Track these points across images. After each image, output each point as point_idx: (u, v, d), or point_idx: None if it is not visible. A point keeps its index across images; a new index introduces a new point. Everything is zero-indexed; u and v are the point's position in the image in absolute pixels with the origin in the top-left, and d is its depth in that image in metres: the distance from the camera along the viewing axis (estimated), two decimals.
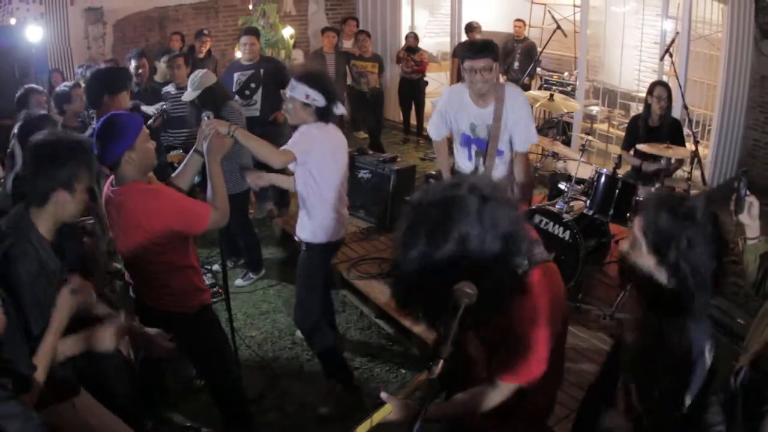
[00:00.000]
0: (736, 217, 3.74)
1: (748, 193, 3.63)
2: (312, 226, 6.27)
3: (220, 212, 4.98)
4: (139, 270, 5.07)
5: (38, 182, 4.01)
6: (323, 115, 6.01)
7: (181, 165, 5.55)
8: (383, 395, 3.14)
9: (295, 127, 6.14)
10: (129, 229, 4.80)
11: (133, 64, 10.24)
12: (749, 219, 3.68)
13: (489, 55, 6.30)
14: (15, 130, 6.09)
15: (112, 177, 4.91)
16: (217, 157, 5.16)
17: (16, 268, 3.79)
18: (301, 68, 8.53)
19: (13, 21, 12.89)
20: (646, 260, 2.94)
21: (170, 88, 9.98)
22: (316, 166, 6.02)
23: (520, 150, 6.77)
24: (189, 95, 8.04)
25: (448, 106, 6.99)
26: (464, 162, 7.04)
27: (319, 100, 5.91)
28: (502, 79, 15.40)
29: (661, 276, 2.90)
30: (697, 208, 2.84)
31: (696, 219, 2.80)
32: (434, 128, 7.24)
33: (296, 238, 6.49)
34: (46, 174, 4.01)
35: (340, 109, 6.10)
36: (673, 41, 10.12)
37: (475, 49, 6.36)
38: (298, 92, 5.93)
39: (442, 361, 2.86)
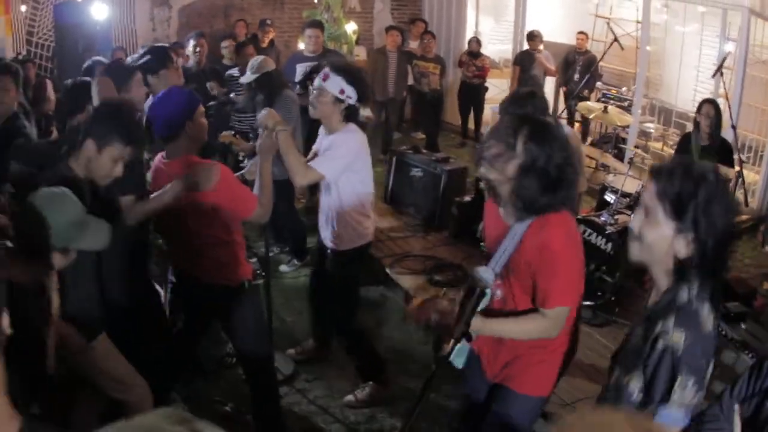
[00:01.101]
0: (764, 248, 3.75)
1: None
2: (351, 231, 6.11)
3: (264, 208, 5.14)
4: (184, 242, 5.20)
5: (78, 130, 4.40)
6: (351, 114, 5.83)
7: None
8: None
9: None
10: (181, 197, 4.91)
11: (191, 43, 10.50)
12: None
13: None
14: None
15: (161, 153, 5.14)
16: (267, 155, 5.30)
17: None
18: (340, 60, 8.38)
19: None
20: (663, 230, 2.89)
21: (235, 72, 10.22)
22: (361, 171, 5.94)
23: None
24: (247, 78, 8.25)
25: None
26: None
27: (353, 97, 5.69)
28: (562, 91, 15.54)
29: (680, 246, 2.87)
30: (709, 169, 2.87)
31: (709, 178, 2.82)
32: None
33: (331, 247, 6.28)
34: (87, 125, 4.41)
35: (366, 112, 5.87)
36: (724, 59, 10.11)
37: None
38: (331, 85, 5.65)
39: (453, 341, 3.01)
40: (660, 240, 2.90)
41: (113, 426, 1.25)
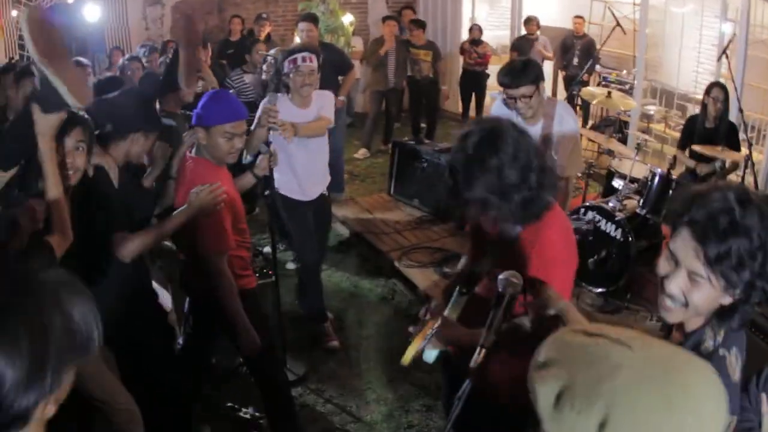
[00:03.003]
0: None
1: None
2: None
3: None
4: (186, 246, 5.19)
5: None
6: None
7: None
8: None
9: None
10: (180, 198, 4.95)
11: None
12: None
13: (527, 82, 5.81)
14: None
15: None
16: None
17: None
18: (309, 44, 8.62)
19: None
20: (713, 292, 2.44)
21: (240, 73, 10.27)
22: None
23: (562, 175, 6.15)
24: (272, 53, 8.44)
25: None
26: None
27: None
28: (560, 75, 15.52)
29: (727, 299, 2.46)
30: (755, 213, 2.35)
31: (760, 215, 2.36)
32: None
33: (326, 192, 7.38)
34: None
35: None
36: (730, 42, 10.04)
37: (512, 76, 5.85)
38: (317, 63, 6.74)
39: (484, 351, 2.92)
40: (709, 301, 2.50)
41: None
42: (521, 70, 5.85)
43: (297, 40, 11.39)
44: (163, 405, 5.08)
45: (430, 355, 3.71)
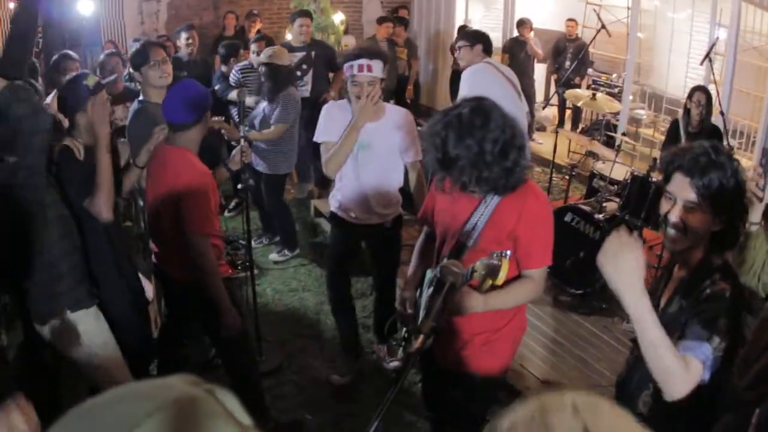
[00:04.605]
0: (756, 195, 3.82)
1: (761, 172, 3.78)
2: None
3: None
4: (160, 232, 5.22)
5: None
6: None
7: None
8: None
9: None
10: (161, 184, 5.02)
11: (183, 36, 10.49)
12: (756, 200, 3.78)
13: (460, 39, 8.48)
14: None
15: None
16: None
17: None
18: (373, 47, 8.30)
19: None
20: (706, 217, 3.13)
21: (246, 64, 10.30)
22: None
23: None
24: (256, 60, 8.41)
25: None
26: None
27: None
28: (553, 78, 15.61)
29: (717, 224, 3.15)
30: (725, 152, 3.15)
31: (730, 161, 3.11)
32: None
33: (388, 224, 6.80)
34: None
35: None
36: (713, 45, 10.03)
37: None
38: (377, 70, 5.56)
39: (422, 337, 2.99)
40: (704, 226, 3.15)
41: (136, 383, 1.31)
42: (463, 31, 8.49)
43: (288, 36, 11.50)
44: None
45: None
